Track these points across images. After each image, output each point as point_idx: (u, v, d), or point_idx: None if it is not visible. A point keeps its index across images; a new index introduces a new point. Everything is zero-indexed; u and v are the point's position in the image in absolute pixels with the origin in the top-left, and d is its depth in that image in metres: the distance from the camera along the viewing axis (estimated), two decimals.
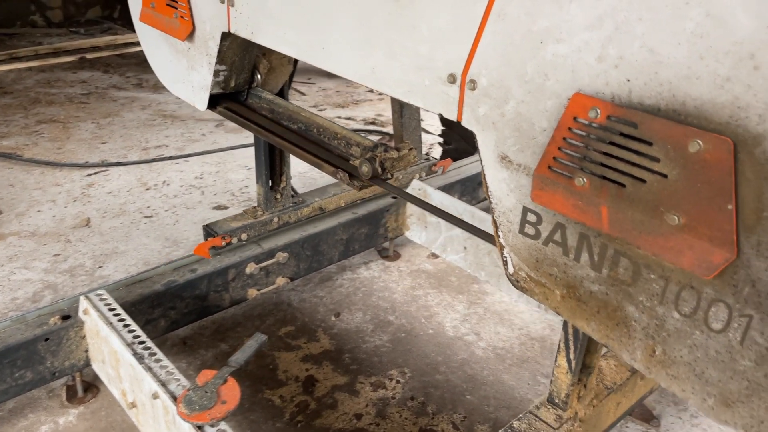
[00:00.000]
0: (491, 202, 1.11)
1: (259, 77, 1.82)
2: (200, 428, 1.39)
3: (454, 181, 2.69)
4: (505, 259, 1.12)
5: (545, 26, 0.95)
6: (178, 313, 2.04)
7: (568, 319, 1.05)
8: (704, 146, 0.80)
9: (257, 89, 1.83)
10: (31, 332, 1.77)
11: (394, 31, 1.19)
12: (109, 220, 2.94)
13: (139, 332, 1.69)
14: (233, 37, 1.61)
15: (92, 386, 1.97)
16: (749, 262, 0.81)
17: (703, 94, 0.80)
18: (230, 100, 1.83)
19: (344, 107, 4.62)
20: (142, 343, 1.65)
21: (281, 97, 1.84)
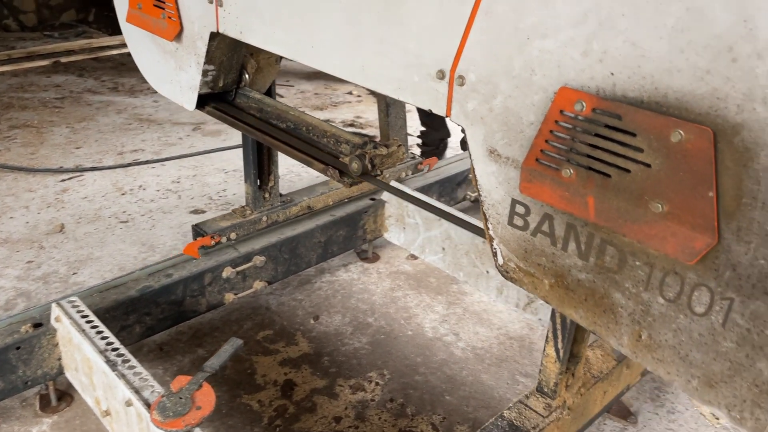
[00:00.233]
0: (480, 195, 1.14)
1: (246, 77, 1.83)
2: None
3: (432, 182, 2.69)
4: (494, 250, 1.15)
5: (531, 23, 0.98)
6: (153, 318, 2.02)
7: (556, 307, 1.08)
8: (686, 136, 0.84)
9: (245, 89, 1.85)
10: (2, 341, 1.74)
11: (383, 28, 1.21)
12: (83, 225, 2.90)
13: (112, 339, 1.66)
14: (222, 36, 1.62)
15: (66, 395, 1.94)
16: (730, 247, 0.84)
17: (684, 86, 0.84)
18: (218, 99, 1.84)
19: (323, 109, 4.63)
20: (115, 350, 1.62)
21: (268, 96, 1.86)
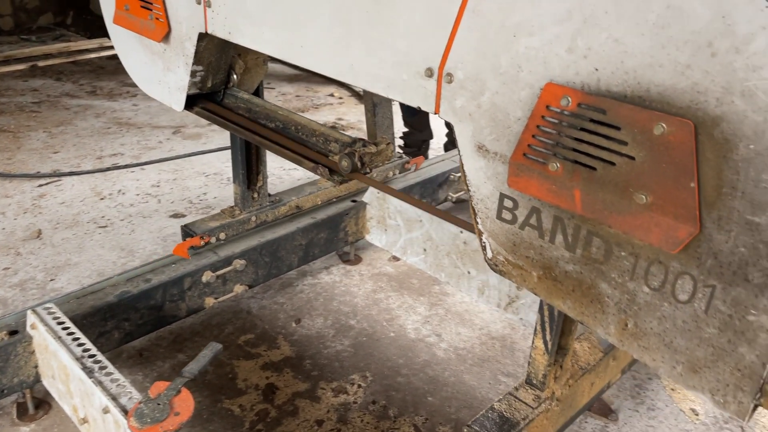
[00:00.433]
0: (469, 190, 1.16)
1: (235, 77, 1.84)
2: None
3: (413, 183, 2.69)
4: (483, 244, 1.17)
5: (518, 21, 1.01)
6: (132, 324, 1.98)
7: (544, 298, 1.11)
8: (668, 129, 0.87)
9: (233, 89, 1.86)
10: None
11: (372, 28, 1.23)
12: (61, 231, 2.86)
13: (89, 345, 1.64)
14: (210, 37, 1.63)
15: (44, 402, 1.91)
16: (711, 235, 0.87)
17: (665, 80, 0.87)
18: (207, 100, 1.85)
19: (304, 111, 4.62)
20: (92, 356, 1.60)
21: (256, 97, 1.87)
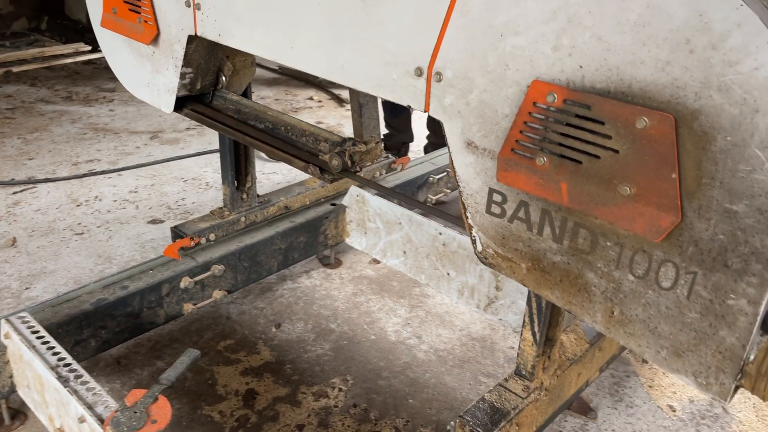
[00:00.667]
0: (459, 185, 1.19)
1: (223, 79, 1.86)
2: None
3: (392, 185, 2.69)
4: (473, 238, 1.20)
5: (504, 21, 1.04)
6: (109, 332, 1.97)
7: (533, 289, 1.14)
8: (650, 123, 0.91)
9: (222, 91, 1.87)
10: None
11: (362, 29, 1.26)
12: (37, 239, 2.83)
13: (64, 354, 1.63)
14: (199, 39, 1.65)
15: (20, 413, 1.90)
16: (692, 224, 0.92)
17: (646, 76, 0.91)
18: (195, 102, 1.87)
19: None
20: (67, 365, 1.59)
21: (245, 98, 1.89)
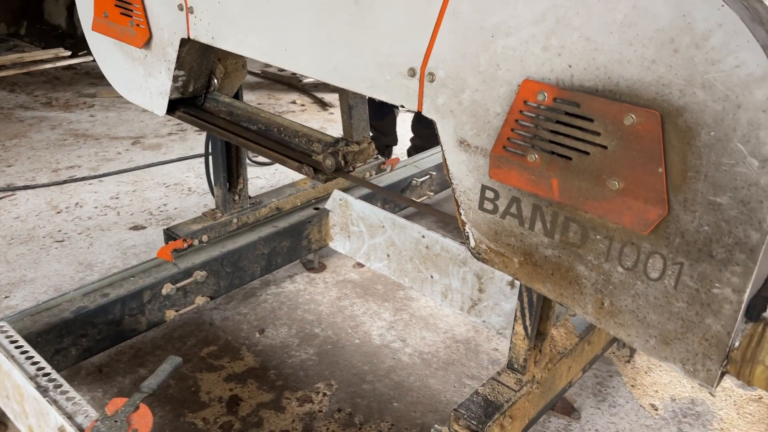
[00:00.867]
0: (452, 183, 1.23)
1: (215, 82, 1.88)
2: None
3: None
4: (466, 234, 1.23)
5: (495, 22, 1.08)
6: (90, 340, 1.95)
7: (526, 283, 1.18)
8: (636, 119, 0.94)
9: (214, 93, 1.89)
10: None
11: (355, 31, 1.29)
12: (16, 246, 2.80)
13: (43, 364, 1.62)
14: (192, 43, 1.67)
15: (0, 423, 1.86)
16: (678, 216, 0.95)
17: (633, 75, 0.94)
18: (188, 104, 1.88)
19: None
20: (46, 375, 1.58)
21: (237, 100, 1.91)
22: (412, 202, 1.48)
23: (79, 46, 5.97)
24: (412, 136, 3.60)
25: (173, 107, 1.88)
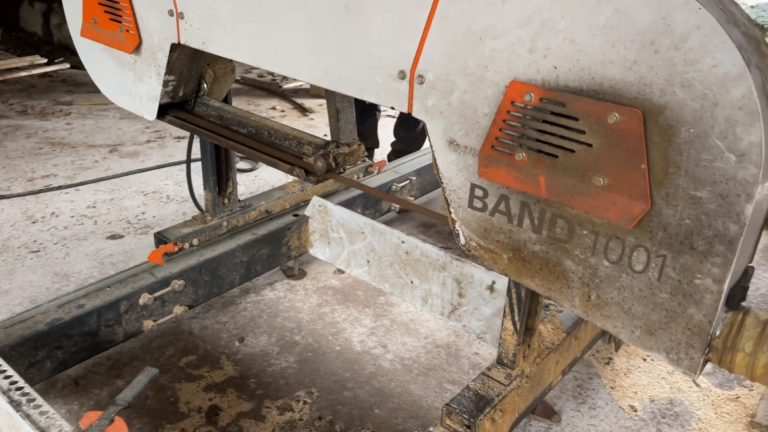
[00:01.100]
0: (442, 182, 1.26)
1: (205, 86, 1.89)
2: None
3: (356, 194, 2.71)
4: (456, 232, 1.27)
5: (483, 25, 1.12)
6: (65, 352, 1.92)
7: (515, 278, 1.21)
8: (620, 118, 0.99)
9: (204, 97, 1.91)
10: None
11: (345, 35, 1.32)
12: None
13: (16, 378, 1.60)
14: (182, 47, 1.69)
15: None
16: (661, 210, 0.99)
17: (616, 75, 0.99)
18: (178, 109, 1.90)
19: None
20: (19, 389, 1.55)
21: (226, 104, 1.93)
22: (407, 203, 1.51)
23: (55, 53, 5.92)
24: (393, 140, 3.62)
25: (163, 112, 1.89)
